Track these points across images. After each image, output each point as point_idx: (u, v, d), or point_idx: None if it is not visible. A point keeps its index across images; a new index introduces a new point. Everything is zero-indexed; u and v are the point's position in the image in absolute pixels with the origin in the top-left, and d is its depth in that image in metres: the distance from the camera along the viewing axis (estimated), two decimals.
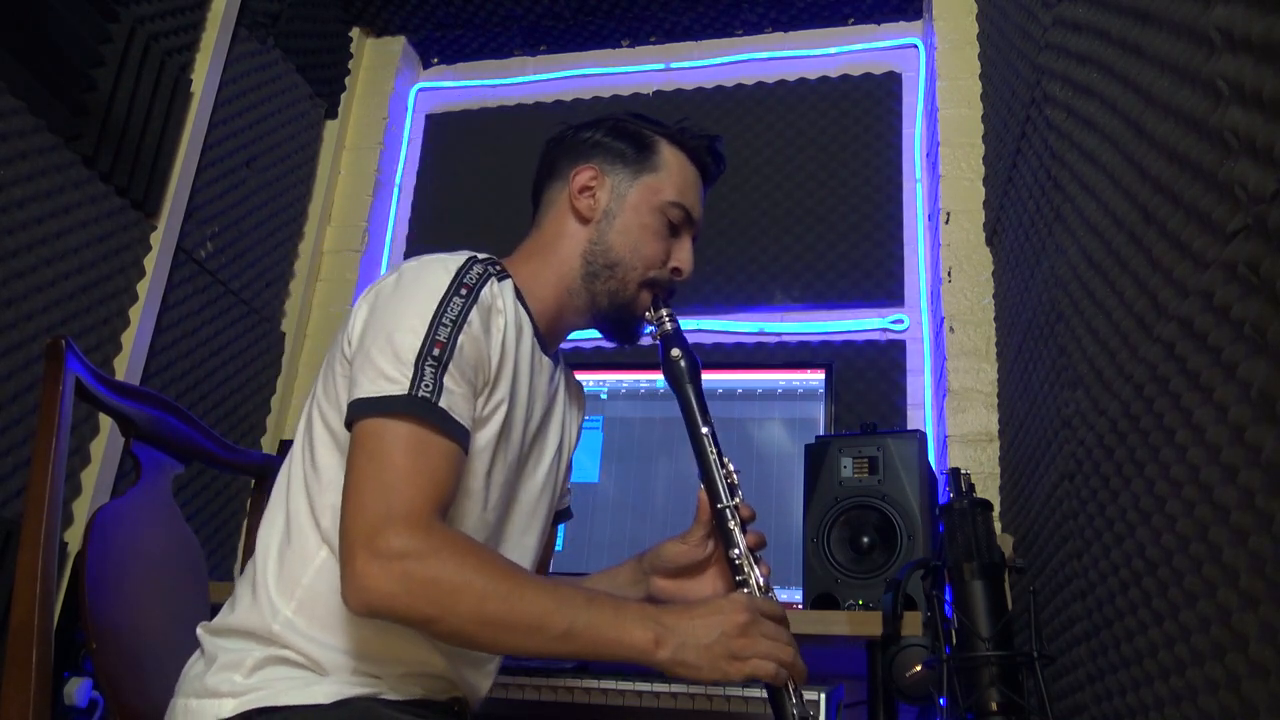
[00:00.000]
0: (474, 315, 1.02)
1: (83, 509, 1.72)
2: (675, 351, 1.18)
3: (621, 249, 1.18)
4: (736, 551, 1.12)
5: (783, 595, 1.78)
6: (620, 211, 1.20)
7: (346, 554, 0.91)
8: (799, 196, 2.33)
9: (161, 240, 1.92)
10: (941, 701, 1.29)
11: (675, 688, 1.46)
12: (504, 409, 1.07)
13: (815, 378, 1.95)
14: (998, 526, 1.75)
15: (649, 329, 1.22)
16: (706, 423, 1.17)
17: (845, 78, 2.42)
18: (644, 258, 1.19)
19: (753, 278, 2.29)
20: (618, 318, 1.20)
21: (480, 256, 1.09)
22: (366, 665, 1.01)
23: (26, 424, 1.62)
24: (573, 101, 2.60)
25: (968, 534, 1.38)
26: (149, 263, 1.90)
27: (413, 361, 0.97)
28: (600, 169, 1.21)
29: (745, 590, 1.10)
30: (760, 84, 2.47)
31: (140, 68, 1.87)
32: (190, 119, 2.01)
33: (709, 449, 1.16)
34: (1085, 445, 1.19)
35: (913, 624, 1.41)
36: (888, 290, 2.20)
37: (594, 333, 1.25)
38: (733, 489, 1.15)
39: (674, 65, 2.57)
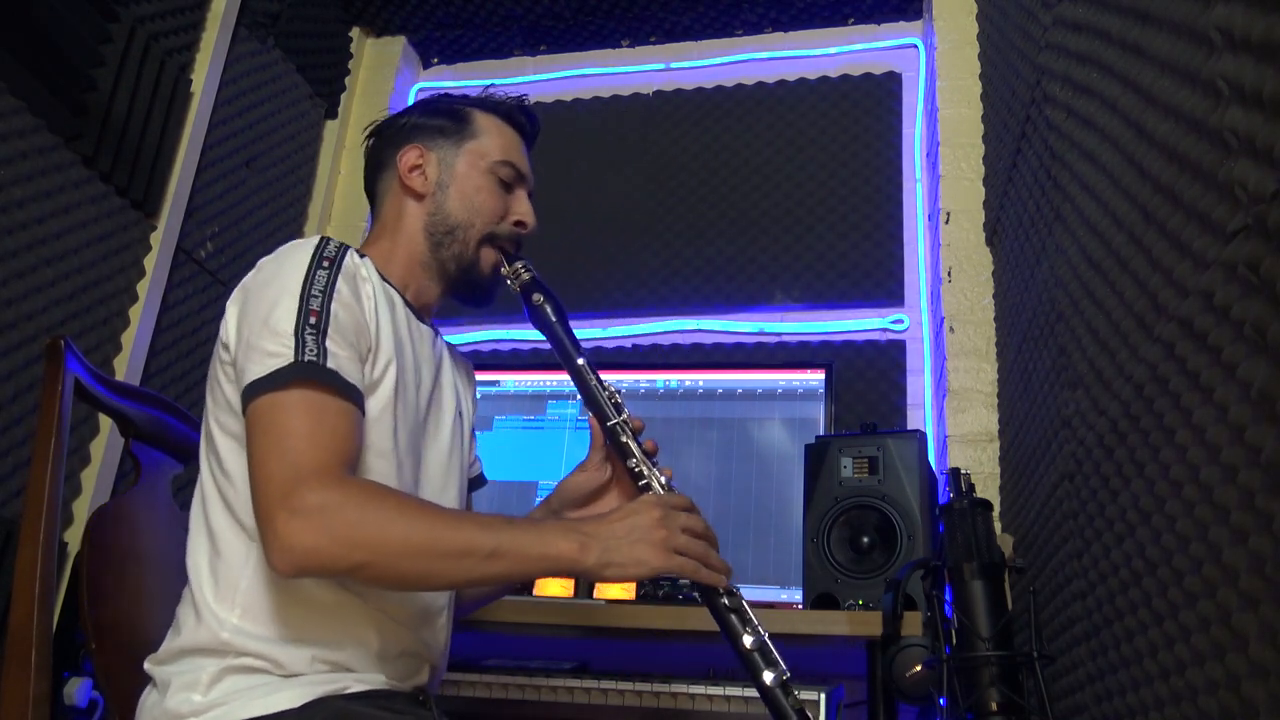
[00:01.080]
0: (341, 283, 1.05)
1: (83, 509, 1.72)
2: (537, 296, 1.22)
3: (459, 212, 1.23)
4: (634, 460, 1.17)
5: (782, 595, 1.78)
6: (452, 180, 1.24)
7: (265, 520, 0.92)
8: (799, 196, 2.33)
9: (161, 240, 1.92)
10: (941, 701, 1.29)
11: (675, 688, 1.46)
12: (393, 370, 1.09)
13: (815, 378, 1.95)
14: (998, 526, 1.74)
15: (506, 283, 1.25)
16: (580, 354, 1.22)
17: (845, 78, 2.42)
18: (482, 215, 1.23)
19: (753, 278, 2.29)
20: (468, 279, 1.24)
21: (331, 238, 1.12)
22: (328, 654, 1.01)
23: (26, 424, 1.62)
24: (573, 101, 2.60)
25: (968, 534, 1.38)
26: (149, 263, 1.90)
27: (292, 332, 0.99)
28: (424, 146, 1.25)
29: (651, 492, 1.15)
30: (760, 84, 2.47)
31: (140, 68, 1.87)
32: (190, 119, 2.01)
33: (588, 376, 1.21)
34: (1085, 445, 1.19)
35: (913, 624, 1.42)
36: (888, 290, 2.20)
37: (592, 333, 1.26)
38: (618, 407, 1.20)
39: (674, 65, 2.57)
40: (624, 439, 1.18)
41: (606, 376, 2.15)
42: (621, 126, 2.53)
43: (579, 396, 1.23)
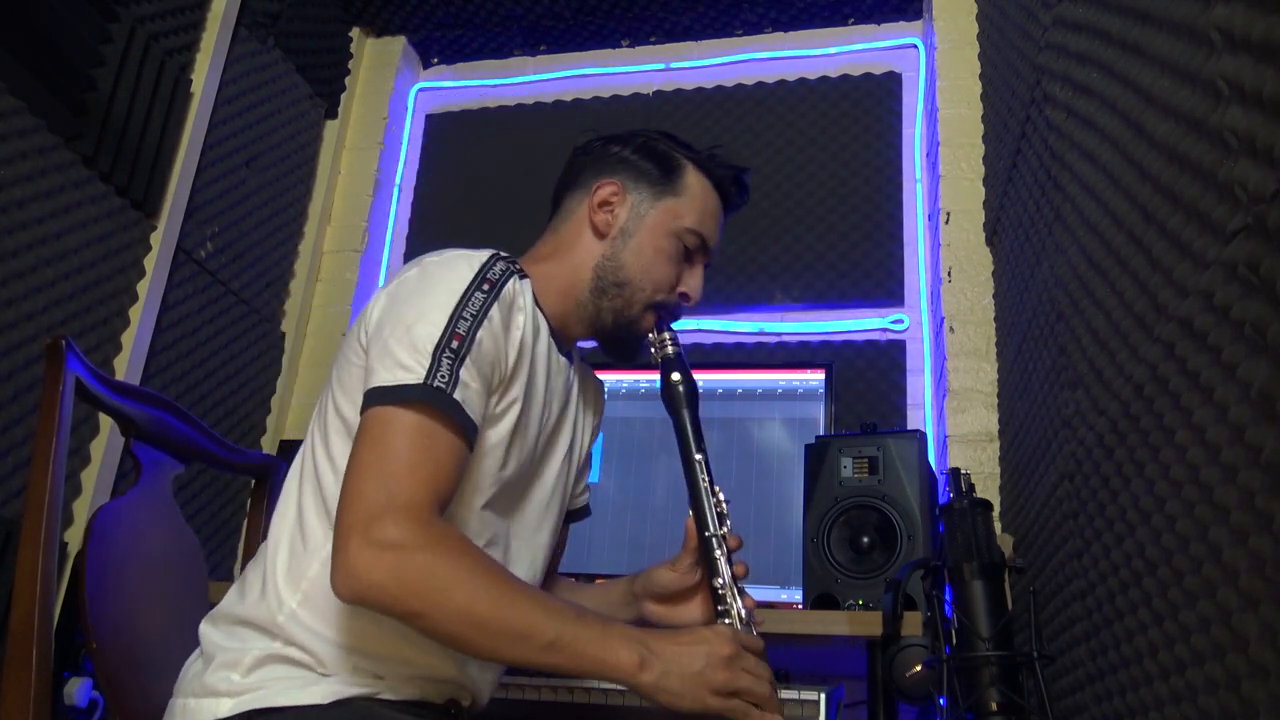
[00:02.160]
0: (495, 311, 1.03)
1: (83, 509, 1.72)
2: (675, 376, 1.19)
3: (633, 269, 1.18)
4: (720, 581, 1.11)
5: (782, 595, 1.78)
6: (637, 231, 1.19)
7: (340, 539, 0.91)
8: (799, 196, 2.33)
9: (161, 240, 1.92)
10: (941, 701, 1.29)
11: None
12: (518, 407, 1.07)
13: (815, 378, 1.95)
14: (998, 526, 1.74)
15: (650, 350, 1.22)
16: (700, 450, 1.17)
17: (845, 78, 2.42)
18: (654, 280, 1.19)
19: (753, 278, 2.29)
20: (620, 336, 1.20)
21: (504, 254, 1.09)
22: (369, 664, 1.00)
23: (26, 424, 1.62)
24: (573, 101, 2.60)
25: (968, 534, 1.38)
26: (149, 263, 1.90)
27: (430, 351, 0.97)
28: (623, 185, 1.21)
29: (727, 621, 1.10)
30: (760, 84, 2.47)
31: (140, 68, 1.87)
32: (190, 119, 2.01)
33: (700, 476, 1.16)
34: (1085, 445, 1.19)
35: (913, 624, 1.41)
36: (888, 290, 2.20)
37: None
38: (721, 518, 1.15)
39: (674, 65, 2.57)
40: (716, 555, 1.12)
41: (606, 376, 2.16)
42: (621, 126, 2.51)
43: (688, 494, 1.16)
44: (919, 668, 1.35)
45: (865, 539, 1.59)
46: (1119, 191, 1.08)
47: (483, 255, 1.07)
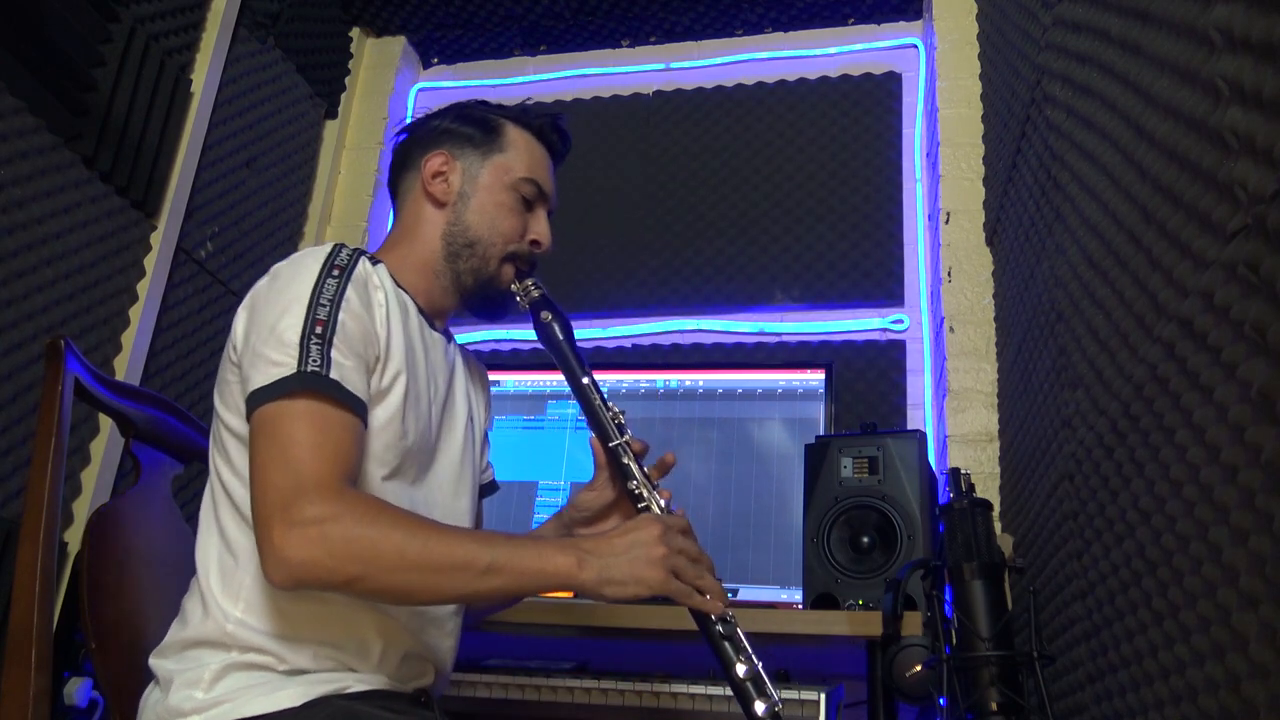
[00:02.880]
0: (350, 292, 1.05)
1: (83, 509, 1.72)
2: (545, 314, 1.22)
3: (479, 227, 1.22)
4: (634, 482, 1.17)
5: (782, 595, 1.78)
6: (474, 192, 1.23)
7: (262, 531, 0.92)
8: (799, 196, 2.33)
9: (161, 240, 1.92)
10: (941, 701, 1.29)
11: (675, 687, 1.46)
12: (404, 378, 1.09)
13: (815, 378, 1.95)
14: (998, 526, 1.75)
15: (516, 300, 1.25)
16: (586, 374, 1.21)
17: (845, 78, 2.42)
18: (502, 233, 1.22)
19: (753, 278, 2.29)
20: (484, 294, 1.23)
21: (346, 245, 1.12)
22: (328, 650, 1.01)
23: (26, 424, 1.62)
24: (573, 101, 2.60)
25: (968, 534, 1.38)
26: (149, 263, 1.90)
27: (297, 342, 0.99)
28: (450, 154, 1.25)
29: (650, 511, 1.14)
30: (760, 84, 2.47)
31: (140, 68, 1.87)
32: (190, 119, 2.01)
33: (593, 396, 1.20)
34: (1085, 445, 1.19)
35: (913, 624, 1.42)
36: (888, 290, 2.20)
37: (592, 333, 1.25)
38: (620, 428, 1.20)
39: (674, 65, 2.57)
40: (625, 460, 1.18)
41: (607, 376, 2.15)
42: (621, 126, 2.53)
43: (583, 416, 1.22)
44: (919, 668, 1.35)
45: (865, 539, 1.59)
46: (1119, 191, 1.08)
47: (326, 246, 1.10)
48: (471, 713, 1.55)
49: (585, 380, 1.20)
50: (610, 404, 1.21)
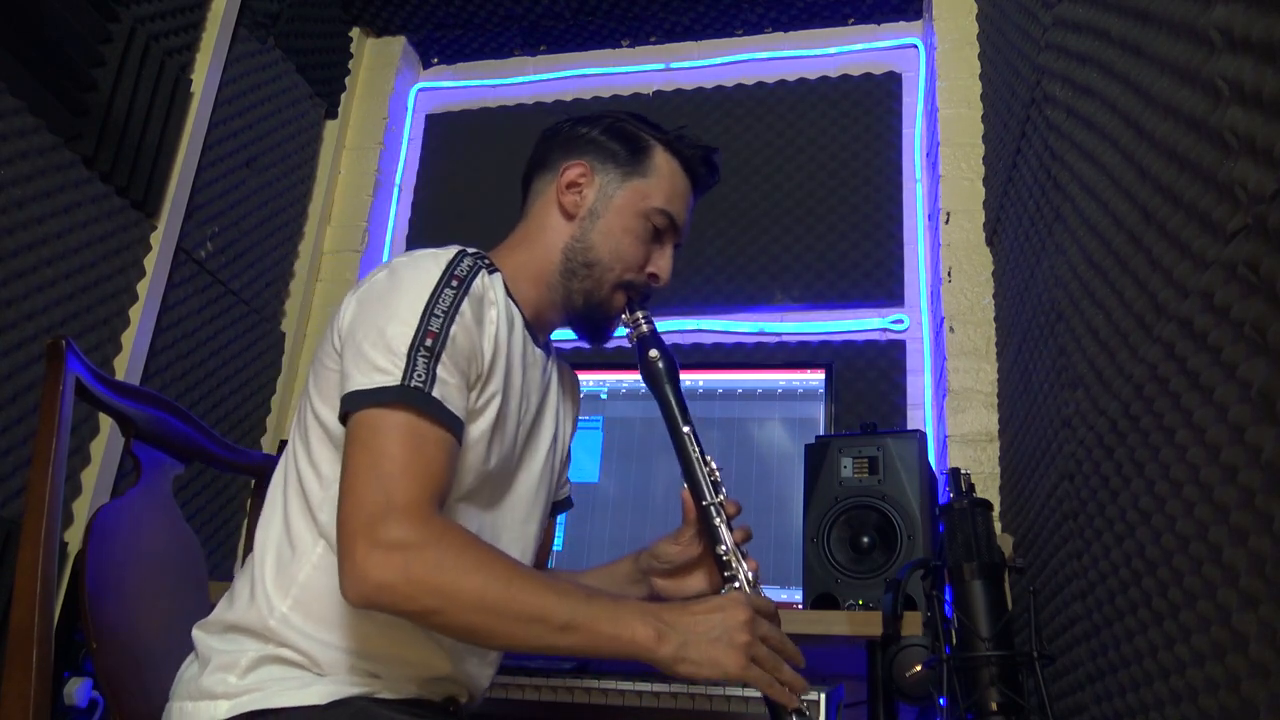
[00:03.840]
0: (466, 306, 1.03)
1: (83, 509, 1.72)
2: (653, 353, 1.19)
3: (601, 249, 1.19)
4: (723, 548, 1.13)
5: (782, 595, 1.78)
6: (605, 212, 1.20)
7: (345, 545, 0.90)
8: (799, 196, 2.33)
9: (161, 240, 1.92)
10: (941, 701, 1.29)
11: (675, 687, 1.46)
12: (498, 400, 1.07)
13: (815, 378, 1.95)
14: (998, 526, 1.74)
15: (625, 331, 1.22)
16: (687, 422, 1.17)
17: (845, 78, 2.42)
18: (623, 260, 1.19)
19: (753, 278, 2.29)
20: (591, 317, 1.20)
21: (470, 250, 1.10)
22: (365, 663, 1.00)
23: (27, 424, 1.62)
24: (573, 101, 2.60)
25: (968, 534, 1.38)
26: (149, 263, 1.90)
27: (405, 352, 0.97)
28: (590, 166, 1.22)
29: (735, 584, 1.12)
30: (760, 84, 2.47)
31: (140, 68, 1.87)
32: (190, 119, 2.01)
33: (691, 447, 1.16)
34: (1085, 445, 1.19)
35: (913, 624, 1.41)
36: (888, 290, 2.20)
37: None
38: (716, 486, 1.16)
39: (674, 65, 2.57)
40: (716, 522, 1.14)
41: (606, 376, 2.15)
42: None
43: (680, 468, 1.17)
44: (919, 668, 1.35)
45: (865, 539, 1.59)
46: (1119, 191, 1.08)
47: (449, 252, 1.07)
48: (472, 712, 1.55)
49: (686, 430, 1.17)
50: (709, 458, 1.17)
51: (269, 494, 1.08)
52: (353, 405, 0.97)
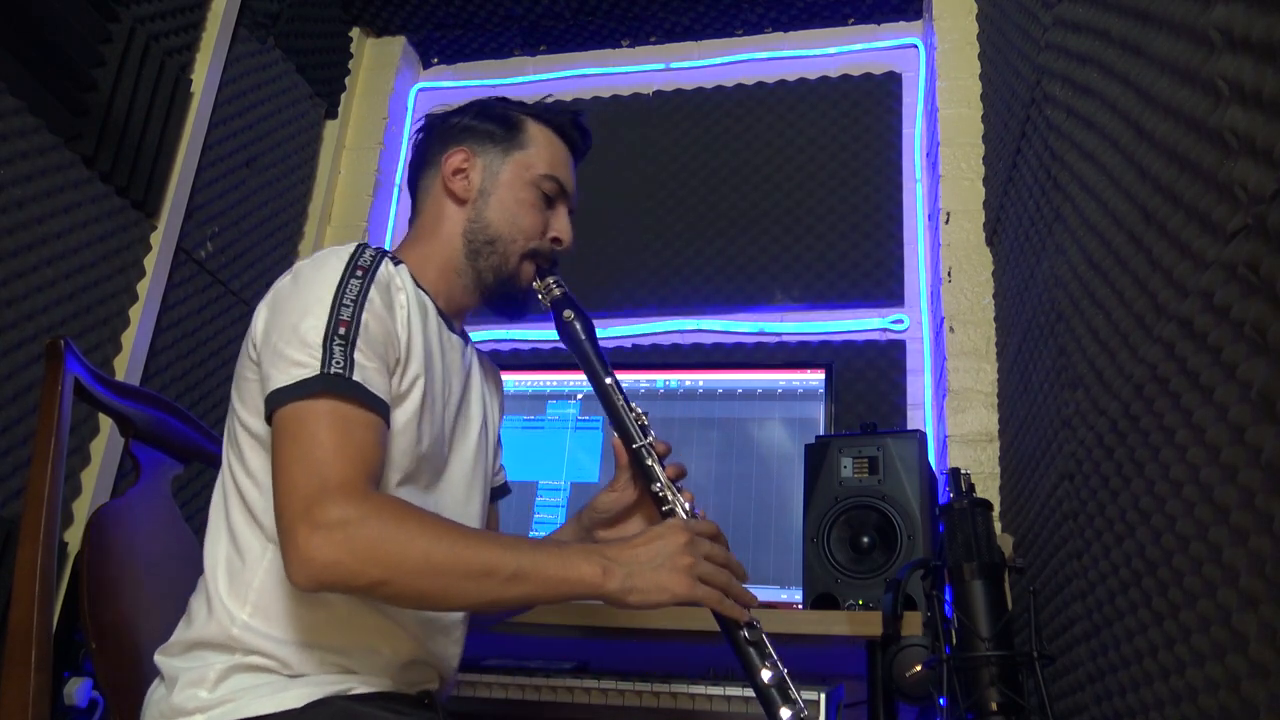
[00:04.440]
0: (374, 293, 1.05)
1: (83, 509, 1.72)
2: (568, 313, 1.21)
3: (499, 223, 1.21)
4: (658, 485, 1.16)
5: (782, 595, 1.78)
6: (495, 189, 1.23)
7: (286, 532, 0.91)
8: (799, 196, 2.33)
9: (161, 240, 1.92)
10: (941, 701, 1.29)
11: (675, 688, 1.46)
12: (422, 382, 1.09)
13: (815, 378, 1.95)
14: (998, 526, 1.74)
15: (537, 298, 1.24)
16: (609, 374, 1.20)
17: (845, 78, 2.42)
18: (523, 230, 1.22)
19: (753, 278, 2.29)
20: (504, 292, 1.23)
21: (369, 245, 1.11)
22: (335, 658, 1.01)
23: (27, 424, 1.62)
24: (572, 101, 2.60)
25: (968, 534, 1.38)
26: (149, 263, 1.90)
27: (320, 343, 0.98)
28: (471, 150, 1.24)
29: (673, 516, 1.13)
30: (760, 84, 2.47)
31: (140, 68, 1.87)
32: (190, 119, 2.01)
33: (615, 397, 1.19)
34: (1085, 445, 1.19)
35: (913, 624, 1.41)
36: (888, 290, 2.20)
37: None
38: (644, 429, 1.19)
39: (674, 65, 2.57)
40: (649, 462, 1.16)
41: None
42: (621, 126, 2.53)
43: (606, 416, 1.21)
44: (919, 668, 1.35)
45: (865, 539, 1.59)
46: (1119, 191, 1.08)
47: (349, 246, 1.09)
48: (471, 713, 1.55)
49: (608, 380, 1.20)
50: (633, 405, 1.20)
51: (210, 518, 1.09)
52: (276, 402, 0.97)
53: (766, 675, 1.03)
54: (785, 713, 1.01)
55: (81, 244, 1.75)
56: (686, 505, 1.14)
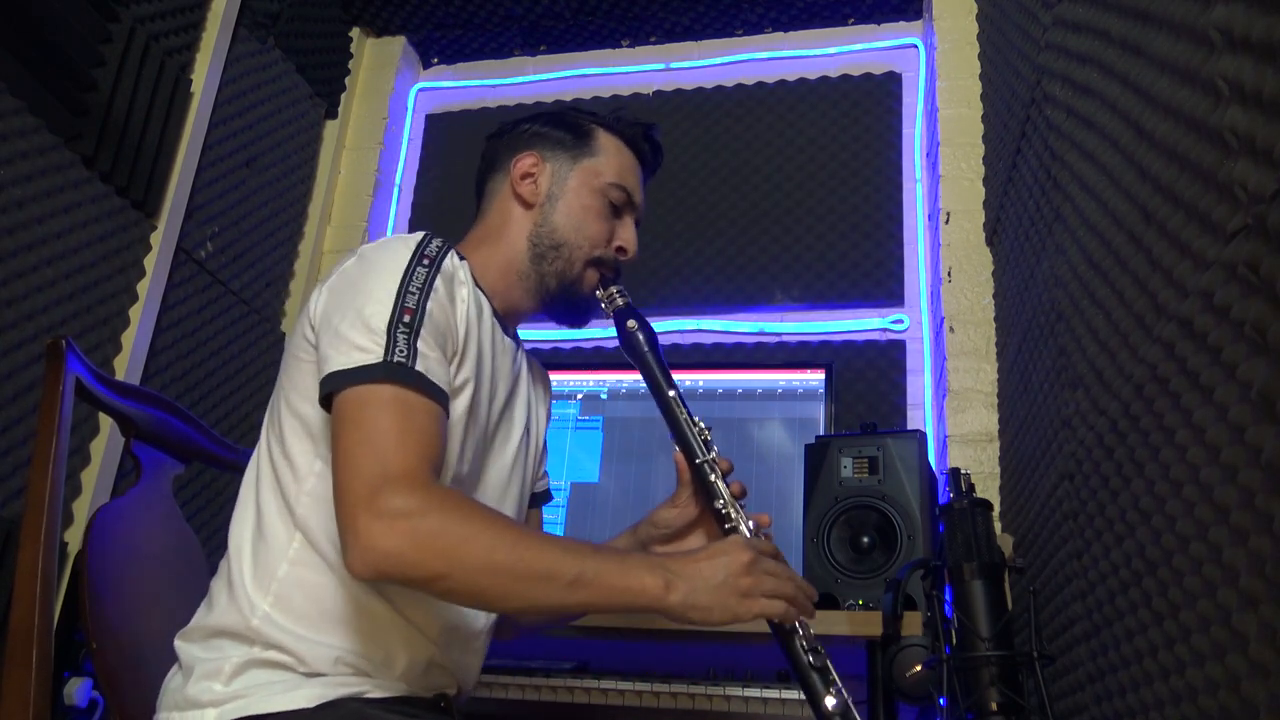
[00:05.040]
0: (439, 283, 1.04)
1: (83, 509, 1.72)
2: (631, 323, 1.21)
3: (566, 229, 1.21)
4: (721, 502, 1.15)
5: None
6: (562, 195, 1.22)
7: (347, 518, 0.90)
8: (799, 196, 2.33)
9: (161, 240, 1.92)
10: (941, 701, 1.29)
11: (675, 688, 1.46)
12: (470, 387, 1.08)
13: (815, 378, 1.95)
14: (998, 526, 1.74)
15: (600, 308, 1.24)
16: (671, 386, 1.20)
17: (845, 78, 2.42)
18: (588, 237, 1.21)
19: (753, 278, 2.29)
20: (567, 298, 1.22)
21: (437, 237, 1.11)
22: (353, 659, 1.00)
23: (26, 424, 1.62)
24: (573, 101, 2.59)
25: (968, 534, 1.38)
26: (149, 263, 1.90)
27: (384, 330, 0.97)
28: (540, 155, 1.24)
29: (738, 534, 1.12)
30: (760, 84, 2.47)
31: (140, 68, 1.87)
32: (190, 119, 2.01)
33: (678, 410, 1.19)
34: (1085, 445, 1.19)
35: (913, 624, 1.41)
36: (888, 290, 2.20)
37: (594, 333, 1.25)
38: (707, 444, 1.18)
39: (674, 65, 2.57)
40: (711, 478, 1.16)
41: (606, 376, 2.15)
42: None
43: (670, 433, 1.19)
44: (919, 668, 1.35)
45: (865, 539, 1.59)
46: (1119, 191, 1.08)
47: (417, 235, 1.09)
48: (472, 712, 1.55)
49: (672, 394, 1.19)
50: (696, 419, 1.19)
51: (240, 493, 1.08)
52: (335, 386, 0.96)
53: (830, 703, 1.02)
54: None
55: (81, 244, 1.75)
56: (751, 525, 1.13)
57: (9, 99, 1.61)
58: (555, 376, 2.07)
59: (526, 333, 2.33)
